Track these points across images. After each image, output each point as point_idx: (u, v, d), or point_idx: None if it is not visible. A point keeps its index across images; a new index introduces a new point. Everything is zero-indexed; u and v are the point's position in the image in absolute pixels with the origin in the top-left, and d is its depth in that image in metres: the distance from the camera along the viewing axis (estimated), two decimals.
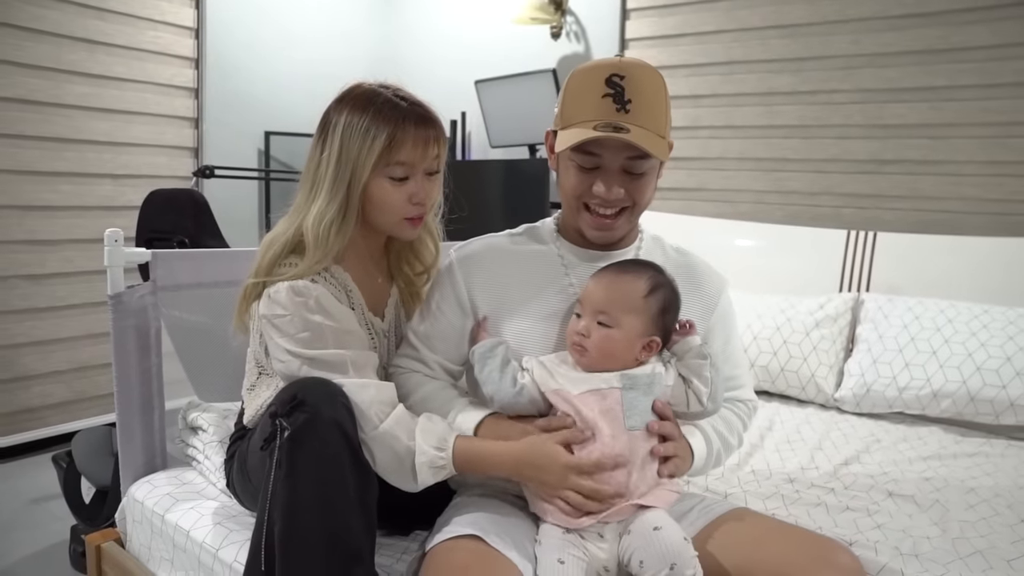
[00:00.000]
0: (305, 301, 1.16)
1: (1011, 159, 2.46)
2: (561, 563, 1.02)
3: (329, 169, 1.20)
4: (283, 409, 1.04)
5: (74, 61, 2.89)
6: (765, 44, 2.90)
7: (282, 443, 1.02)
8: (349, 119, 1.20)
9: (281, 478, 1.02)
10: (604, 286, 1.15)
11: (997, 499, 1.54)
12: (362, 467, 1.07)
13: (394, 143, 1.19)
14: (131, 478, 1.53)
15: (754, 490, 1.55)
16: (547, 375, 1.14)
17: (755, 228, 2.78)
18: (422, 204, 1.26)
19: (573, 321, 1.16)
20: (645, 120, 1.13)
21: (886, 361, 2.11)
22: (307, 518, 1.01)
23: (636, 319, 1.13)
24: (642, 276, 1.15)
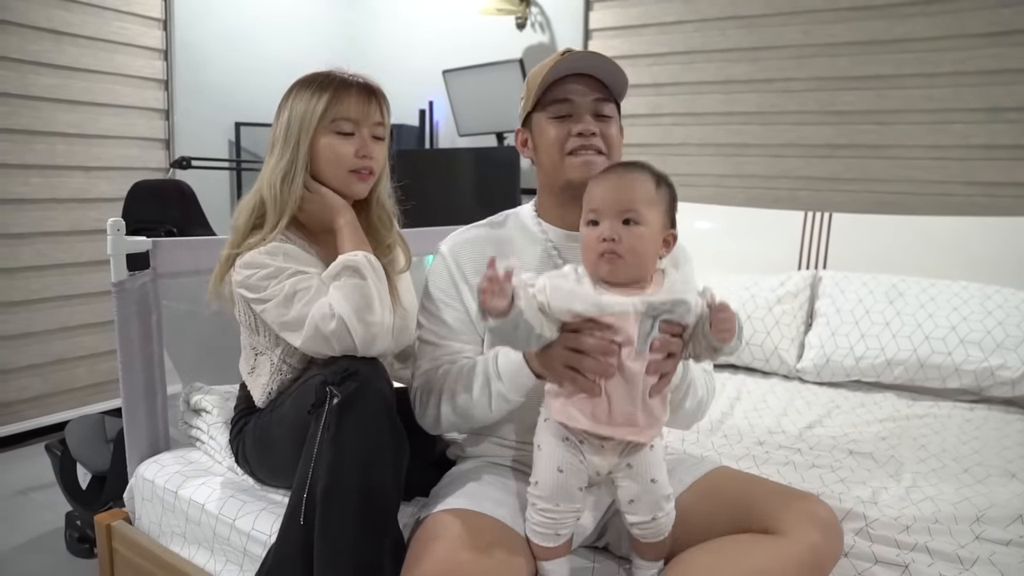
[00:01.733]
0: (274, 256, 1.29)
1: (952, 143, 2.63)
2: (560, 472, 1.07)
3: (281, 132, 1.35)
4: (334, 378, 1.14)
5: (39, 52, 2.87)
6: (724, 34, 3.02)
7: (331, 408, 1.12)
8: (298, 91, 1.36)
9: (328, 439, 1.12)
10: (618, 186, 1.10)
11: (944, 454, 1.69)
12: (399, 435, 1.16)
13: (336, 99, 1.33)
14: (138, 459, 1.58)
15: (728, 452, 1.67)
16: (563, 296, 1.05)
17: (717, 211, 2.91)
18: (368, 158, 1.36)
19: (588, 232, 1.10)
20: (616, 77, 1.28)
21: (843, 333, 2.26)
22: (349, 475, 1.10)
23: (656, 213, 1.09)
24: (645, 171, 1.12)
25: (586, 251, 1.10)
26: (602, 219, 1.08)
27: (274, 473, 1.39)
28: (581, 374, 1.05)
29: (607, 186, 1.10)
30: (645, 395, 1.06)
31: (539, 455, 1.11)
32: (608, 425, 1.06)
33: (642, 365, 1.04)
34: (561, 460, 1.08)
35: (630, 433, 1.07)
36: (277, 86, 1.42)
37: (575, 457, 1.08)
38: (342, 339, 1.21)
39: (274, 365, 1.35)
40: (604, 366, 1.04)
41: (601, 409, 1.05)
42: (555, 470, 1.08)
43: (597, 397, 1.05)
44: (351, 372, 1.16)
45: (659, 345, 1.05)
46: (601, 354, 1.03)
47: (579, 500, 1.10)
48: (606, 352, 1.03)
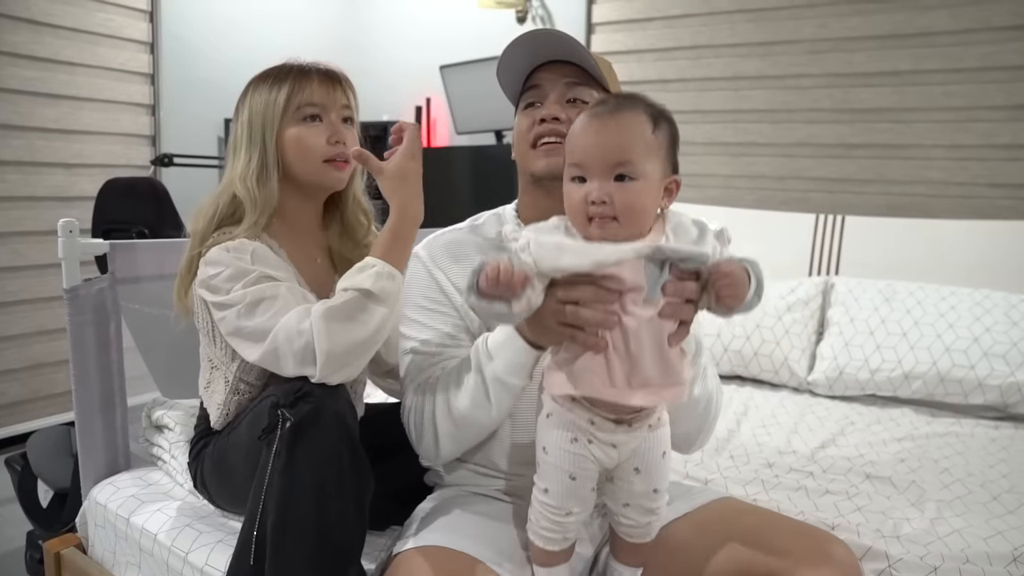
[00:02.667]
0: (240, 256, 1.15)
1: (974, 143, 2.49)
2: (572, 479, 0.96)
3: (243, 132, 1.24)
4: (286, 399, 1.02)
5: (17, 43, 2.76)
6: (733, 28, 2.89)
7: (283, 433, 1.00)
8: (255, 87, 1.26)
9: (279, 469, 1.00)
10: (606, 133, 0.92)
11: (970, 478, 1.56)
12: (360, 463, 1.04)
13: (298, 87, 1.23)
14: (92, 480, 1.47)
15: (734, 475, 1.54)
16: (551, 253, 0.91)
17: (724, 213, 2.77)
18: (342, 143, 1.25)
19: (574, 189, 0.93)
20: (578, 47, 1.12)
21: (857, 344, 2.13)
22: (302, 510, 0.99)
23: (653, 162, 0.92)
24: (637, 108, 0.94)
25: (572, 213, 0.94)
26: (589, 176, 0.91)
27: (233, 501, 1.27)
28: (580, 329, 0.90)
29: (592, 133, 0.93)
30: (664, 346, 0.90)
31: (545, 459, 0.98)
32: (627, 388, 0.90)
33: (654, 311, 0.89)
34: (572, 466, 0.96)
35: (651, 395, 0.92)
36: None
37: (586, 459, 0.96)
38: (303, 363, 1.06)
39: (229, 383, 1.22)
40: (605, 315, 0.89)
41: (616, 370, 0.90)
42: (567, 478, 0.96)
43: (603, 351, 0.90)
44: (304, 392, 1.03)
45: (673, 289, 0.89)
46: (599, 302, 0.89)
47: (591, 501, 0.99)
48: (605, 300, 0.89)
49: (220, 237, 1.19)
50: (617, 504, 1.01)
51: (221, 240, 1.18)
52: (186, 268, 1.23)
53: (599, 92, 1.13)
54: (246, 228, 1.19)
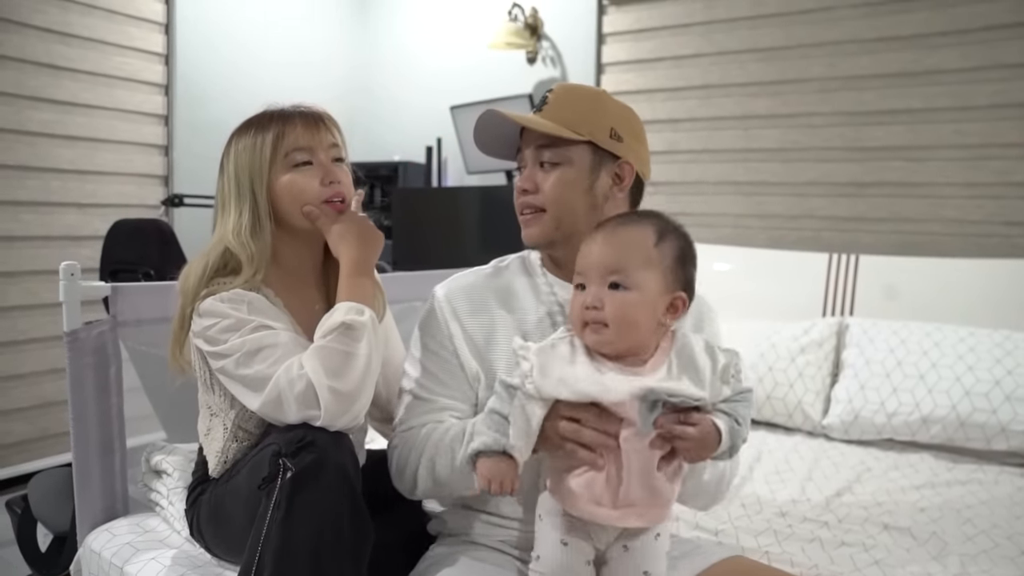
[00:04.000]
0: (236, 307, 1.13)
1: (988, 181, 2.46)
2: (565, 545, 0.97)
3: (231, 186, 1.21)
4: (289, 449, 1.00)
5: (37, 87, 2.81)
6: (743, 67, 2.89)
7: (283, 483, 0.98)
8: (238, 138, 1.24)
9: (278, 520, 0.97)
10: (605, 243, 0.97)
11: (995, 530, 1.50)
12: (360, 517, 1.02)
13: (282, 134, 1.20)
14: (89, 526, 1.44)
15: (745, 525, 1.49)
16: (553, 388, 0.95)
17: (736, 252, 2.75)
18: (337, 183, 1.22)
19: (576, 296, 0.98)
20: (555, 114, 1.11)
21: (873, 386, 2.08)
22: (299, 564, 0.96)
23: (652, 274, 0.95)
24: (645, 223, 0.99)
25: (573, 319, 0.99)
26: (588, 281, 0.97)
27: (230, 550, 1.24)
28: (581, 445, 0.94)
29: (595, 243, 0.99)
30: (652, 472, 0.94)
31: (540, 526, 1.01)
32: (612, 508, 0.94)
33: (644, 443, 0.93)
34: (565, 531, 0.98)
35: (633, 516, 0.95)
36: None
37: (580, 529, 0.98)
38: (307, 407, 1.05)
39: (228, 430, 1.19)
40: (604, 439, 0.93)
41: (603, 489, 0.94)
42: (559, 542, 0.97)
43: (600, 471, 0.94)
44: (307, 442, 1.01)
45: (662, 424, 0.92)
46: (600, 427, 0.93)
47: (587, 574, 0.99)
48: (606, 424, 0.93)
49: (214, 287, 1.17)
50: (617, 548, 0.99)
51: (216, 291, 1.16)
52: (178, 325, 1.20)
53: (568, 147, 1.11)
54: (243, 282, 1.16)
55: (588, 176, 1.11)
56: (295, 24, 3.76)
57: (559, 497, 0.98)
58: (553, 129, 1.09)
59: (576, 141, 1.10)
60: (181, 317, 1.19)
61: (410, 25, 3.90)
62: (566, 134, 1.09)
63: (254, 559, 0.99)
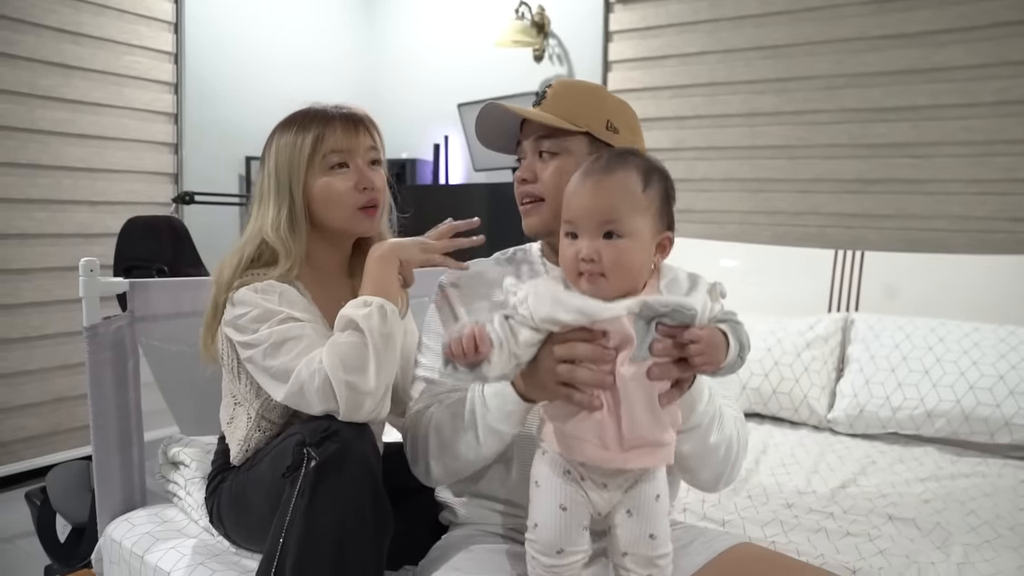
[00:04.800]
0: (267, 297, 1.16)
1: (993, 177, 2.47)
2: (563, 510, 0.95)
3: (271, 182, 1.24)
4: (313, 439, 1.02)
5: (49, 86, 2.84)
6: (749, 65, 2.91)
7: (307, 472, 1.00)
8: (280, 134, 1.27)
9: (302, 508, 1.00)
10: (596, 192, 0.94)
11: (998, 521, 1.51)
12: (382, 506, 1.04)
13: (321, 136, 1.23)
14: (108, 516, 1.47)
15: (752, 516, 1.52)
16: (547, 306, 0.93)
17: (742, 249, 2.77)
18: (372, 189, 1.25)
19: (567, 245, 0.96)
20: (553, 107, 1.14)
21: (878, 381, 2.09)
22: (322, 551, 0.99)
23: (643, 219, 0.94)
24: (630, 167, 0.96)
25: (565, 267, 0.96)
26: (580, 233, 0.94)
27: (250, 537, 1.27)
28: (576, 388, 0.91)
29: (583, 192, 0.95)
30: (655, 404, 0.91)
31: (537, 492, 0.98)
32: (618, 450, 0.91)
33: (643, 371, 0.90)
34: (564, 496, 0.95)
35: (646, 457, 0.93)
36: None
37: (578, 493, 0.95)
38: (326, 400, 1.07)
39: (251, 420, 1.22)
40: (601, 375, 0.90)
41: (607, 431, 0.91)
42: (557, 508, 0.95)
43: (597, 411, 0.91)
44: (331, 432, 1.04)
45: (660, 348, 0.90)
46: (595, 362, 0.90)
47: (584, 543, 0.97)
48: (601, 359, 0.90)
49: (248, 279, 1.20)
50: (617, 555, 0.98)
51: (249, 281, 1.19)
52: (211, 315, 1.23)
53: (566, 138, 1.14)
54: (278, 275, 1.20)
55: None
56: (303, 23, 3.79)
57: (563, 446, 0.95)
58: (551, 120, 1.12)
59: (573, 132, 1.13)
60: (214, 306, 1.22)
61: (417, 23, 3.92)
62: (564, 125, 1.12)
63: (277, 545, 1.02)
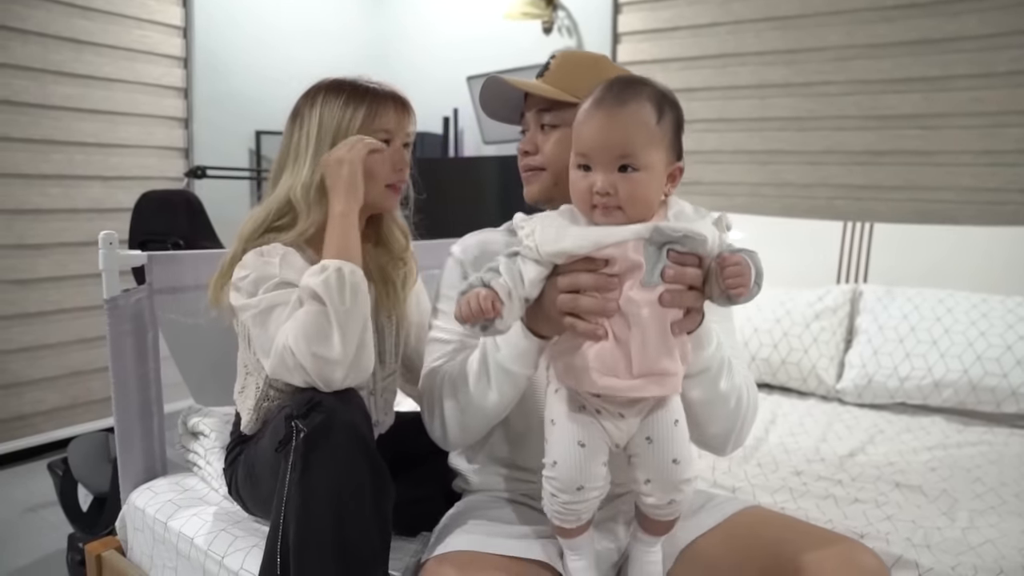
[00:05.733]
0: (268, 260, 1.18)
1: (1005, 148, 2.46)
2: (582, 446, 0.95)
3: (311, 142, 1.24)
4: (299, 411, 1.03)
5: (60, 61, 2.85)
6: (759, 36, 2.89)
7: (297, 444, 1.01)
8: (325, 99, 1.26)
9: (295, 481, 1.01)
10: (611, 124, 0.92)
11: (1004, 488, 1.54)
12: (378, 471, 1.04)
13: (374, 111, 1.25)
14: (131, 485, 1.50)
15: (762, 483, 1.54)
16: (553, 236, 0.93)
17: (751, 221, 2.76)
18: (403, 171, 1.30)
19: (580, 177, 0.94)
20: (555, 79, 1.16)
21: (887, 352, 2.11)
22: (321, 522, 0.99)
23: (657, 152, 0.93)
24: (643, 98, 0.94)
25: (577, 199, 0.95)
26: (594, 166, 0.93)
27: (264, 509, 1.29)
28: (580, 317, 0.92)
29: (597, 125, 0.93)
30: (666, 333, 0.91)
31: (553, 430, 0.98)
32: (628, 378, 0.91)
33: (653, 297, 0.90)
34: (581, 432, 0.95)
35: (655, 385, 0.92)
36: (299, 94, 1.33)
37: (594, 426, 0.95)
38: (302, 374, 1.08)
39: (260, 389, 1.25)
40: (603, 303, 0.90)
41: (617, 359, 0.91)
42: (575, 444, 0.95)
43: (603, 340, 0.91)
44: (315, 403, 1.04)
45: (672, 275, 0.90)
46: (599, 289, 0.90)
47: (602, 479, 0.98)
48: (604, 286, 0.90)
49: (267, 238, 1.22)
50: (639, 482, 0.98)
51: (266, 241, 1.22)
52: (228, 264, 1.24)
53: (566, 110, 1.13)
54: (295, 236, 1.22)
55: None
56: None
57: (572, 378, 0.94)
58: (552, 93, 1.14)
59: (574, 103, 1.11)
60: (232, 257, 1.24)
61: None
62: (564, 97, 1.13)
63: (279, 519, 1.03)
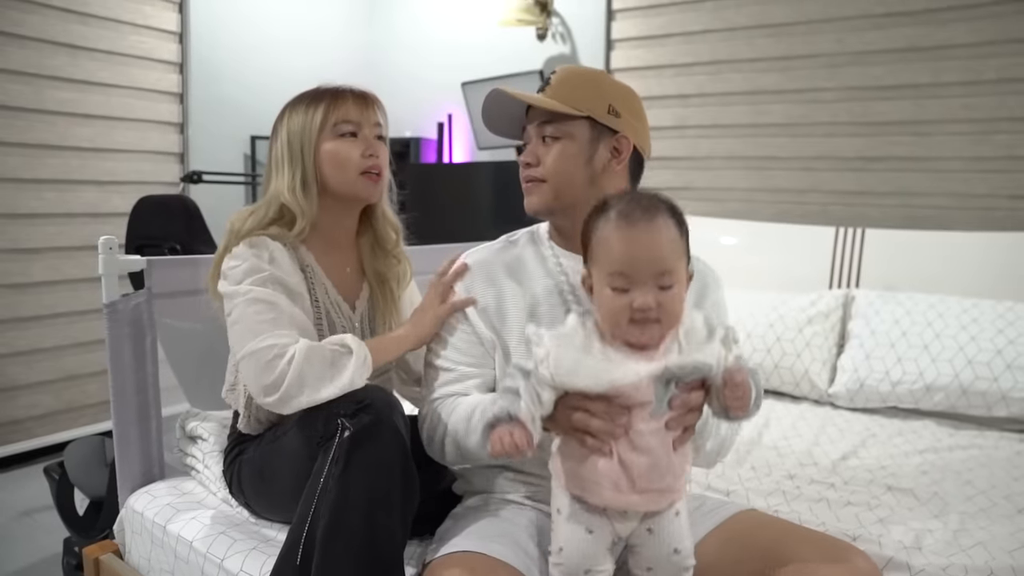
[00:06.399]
0: (259, 252, 1.24)
1: (994, 155, 2.49)
2: (589, 533, 1.00)
3: (284, 150, 1.32)
4: (347, 410, 1.08)
5: (56, 66, 2.85)
6: (751, 43, 2.92)
7: (342, 441, 1.05)
8: (292, 109, 1.35)
9: (336, 475, 1.05)
10: (649, 242, 0.95)
11: (993, 490, 1.56)
12: (410, 477, 1.09)
13: (333, 106, 1.31)
14: (129, 488, 1.51)
15: (755, 487, 1.56)
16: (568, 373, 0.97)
17: (744, 226, 2.80)
18: (376, 157, 1.33)
19: (613, 298, 0.96)
20: (557, 93, 1.18)
21: (878, 356, 2.13)
22: (354, 517, 1.03)
23: (683, 263, 0.99)
24: (663, 211, 0.98)
25: (611, 319, 0.97)
26: (633, 285, 0.95)
27: (272, 506, 1.31)
28: (590, 434, 0.98)
29: (634, 243, 0.96)
30: (670, 452, 0.98)
31: (560, 519, 1.02)
32: (632, 493, 0.97)
33: (660, 424, 0.97)
34: (588, 521, 1.00)
35: (658, 499, 0.99)
36: None
37: (600, 517, 1.01)
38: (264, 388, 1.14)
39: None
40: (612, 427, 0.97)
41: (620, 475, 0.97)
42: (583, 531, 1.00)
43: (607, 457, 0.97)
44: (365, 404, 1.09)
45: (679, 403, 0.98)
46: (609, 416, 0.97)
47: (609, 562, 1.02)
48: (614, 416, 0.97)
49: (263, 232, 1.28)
50: (640, 568, 1.03)
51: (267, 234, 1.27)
52: (219, 258, 1.30)
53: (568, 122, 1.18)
54: (297, 232, 1.28)
55: (587, 149, 1.19)
56: (307, 2, 3.78)
57: (578, 487, 1.00)
58: (554, 106, 1.17)
59: (576, 116, 1.18)
60: (224, 250, 1.29)
61: (421, 1, 3.91)
62: (566, 110, 1.17)
63: (309, 510, 1.06)
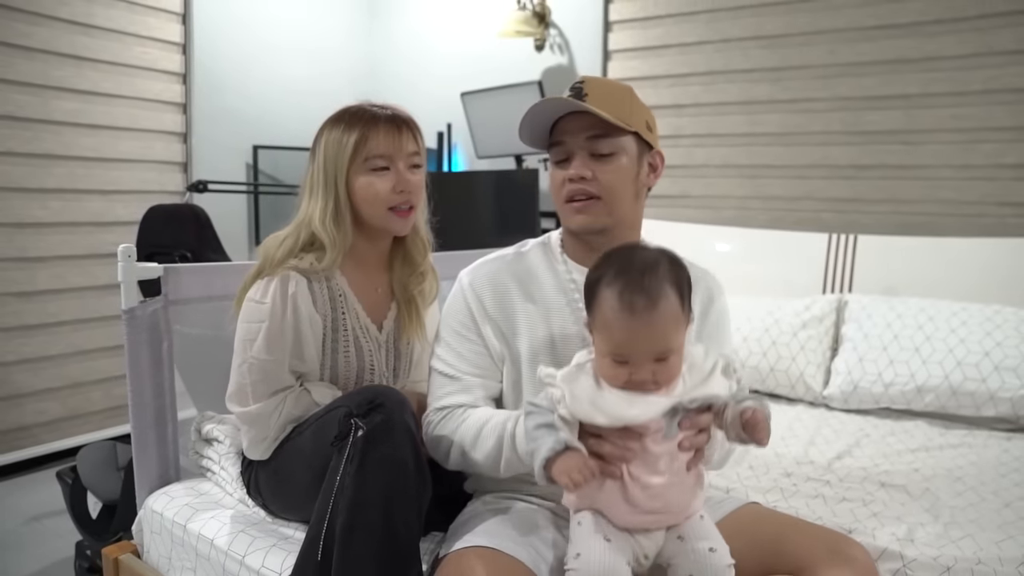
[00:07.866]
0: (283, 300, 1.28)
1: (982, 163, 2.56)
2: (608, 541, 1.01)
3: (320, 175, 1.34)
4: (360, 410, 1.12)
5: (62, 77, 2.90)
6: (746, 54, 2.98)
7: (355, 440, 1.10)
8: (328, 131, 1.35)
9: (351, 473, 1.09)
10: (649, 331, 0.98)
11: (983, 487, 1.61)
12: (422, 472, 1.13)
13: (365, 138, 1.31)
14: (147, 490, 1.55)
15: (754, 484, 1.61)
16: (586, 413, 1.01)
17: (739, 233, 2.86)
18: (407, 192, 1.34)
19: (612, 366, 1.00)
20: (601, 104, 1.14)
21: (871, 359, 2.19)
22: (371, 513, 1.07)
23: (683, 329, 1.02)
24: (666, 285, 1.00)
25: (612, 381, 1.02)
26: (635, 361, 0.99)
27: (288, 506, 1.36)
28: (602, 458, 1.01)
29: (634, 333, 0.98)
30: (682, 471, 1.03)
31: (579, 529, 1.04)
32: (647, 513, 1.02)
33: (673, 446, 1.01)
34: (607, 529, 1.02)
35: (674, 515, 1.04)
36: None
37: (621, 531, 1.03)
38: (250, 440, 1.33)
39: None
40: (624, 451, 1.00)
41: (636, 494, 1.01)
42: (601, 538, 1.01)
43: (618, 479, 1.01)
44: (377, 404, 1.13)
45: (689, 424, 1.02)
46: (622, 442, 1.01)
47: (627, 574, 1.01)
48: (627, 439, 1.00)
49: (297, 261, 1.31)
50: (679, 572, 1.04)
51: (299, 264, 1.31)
52: (251, 279, 1.34)
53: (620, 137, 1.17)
54: (330, 261, 1.32)
55: (636, 166, 1.20)
56: (308, 13, 3.84)
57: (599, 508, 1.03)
58: (614, 120, 1.14)
59: (627, 131, 1.18)
60: (256, 274, 1.33)
61: (420, 13, 3.97)
62: (623, 125, 1.16)
63: (327, 508, 1.10)
